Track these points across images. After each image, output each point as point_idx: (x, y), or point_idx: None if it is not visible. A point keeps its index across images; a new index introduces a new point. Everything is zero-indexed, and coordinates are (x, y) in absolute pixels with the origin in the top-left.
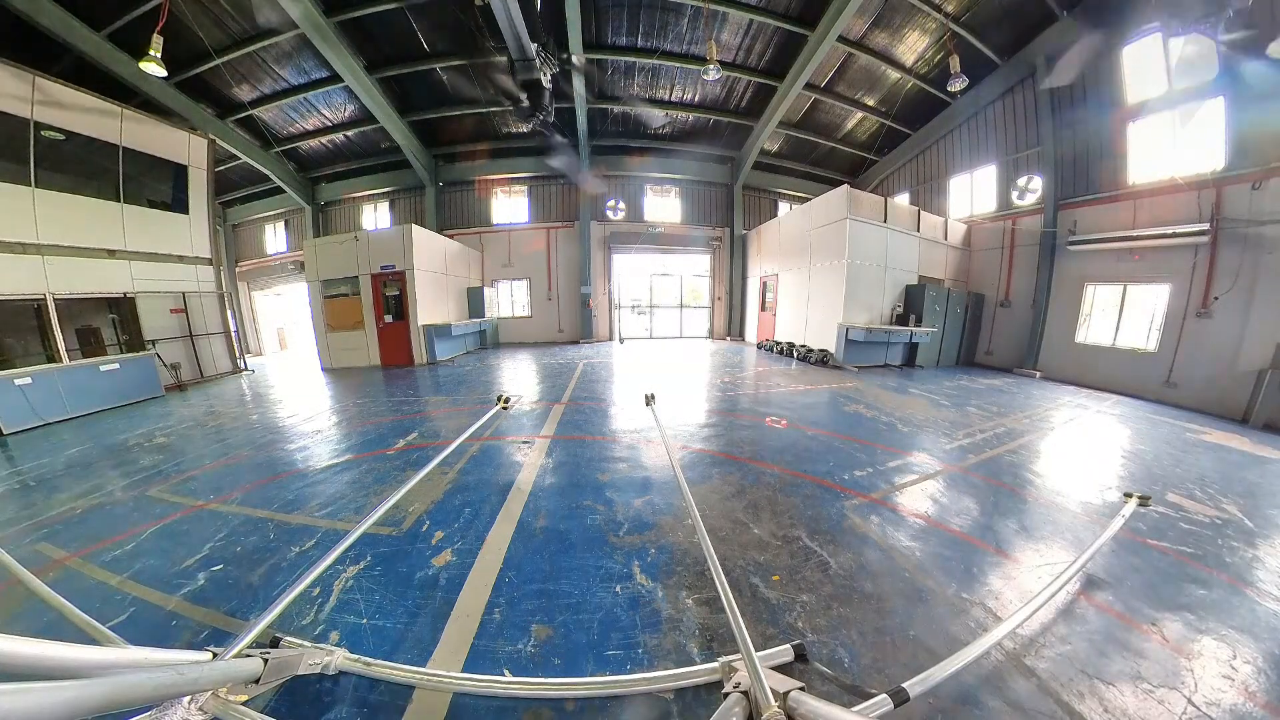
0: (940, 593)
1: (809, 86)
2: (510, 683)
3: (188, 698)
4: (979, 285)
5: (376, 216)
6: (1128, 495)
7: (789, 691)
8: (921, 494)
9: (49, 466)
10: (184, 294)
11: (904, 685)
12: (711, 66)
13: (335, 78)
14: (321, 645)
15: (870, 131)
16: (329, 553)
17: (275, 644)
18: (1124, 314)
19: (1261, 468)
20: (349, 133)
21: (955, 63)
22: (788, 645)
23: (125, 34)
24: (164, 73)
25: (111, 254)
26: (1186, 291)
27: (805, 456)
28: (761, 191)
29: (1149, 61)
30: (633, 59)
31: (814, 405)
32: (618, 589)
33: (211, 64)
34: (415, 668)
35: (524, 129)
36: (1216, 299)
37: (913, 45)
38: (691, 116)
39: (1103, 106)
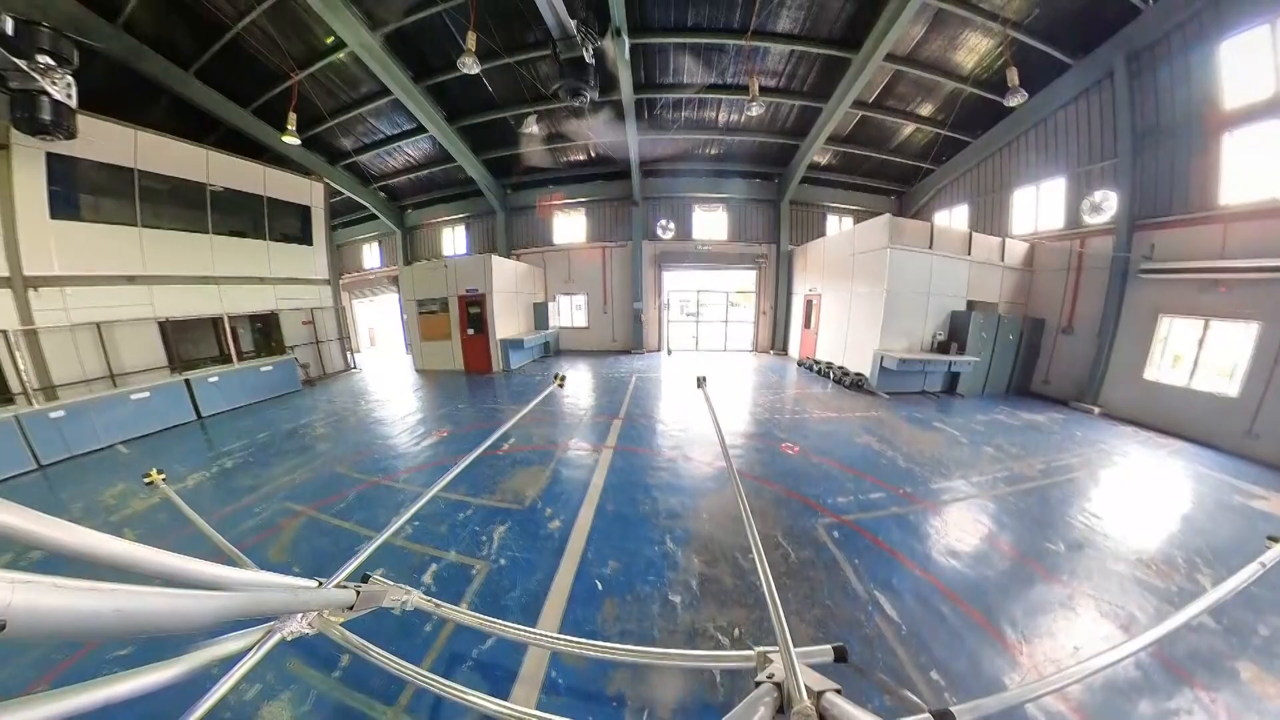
0: (857, 587)
1: (856, 104)
2: (551, 637)
3: (300, 614)
4: (1040, 309)
5: (454, 238)
6: (1272, 539)
7: (823, 692)
8: (882, 522)
9: (253, 445)
10: (312, 309)
11: (951, 708)
12: (754, 105)
13: (421, 128)
14: (401, 585)
15: (925, 141)
16: (403, 514)
17: (365, 580)
18: (1203, 352)
19: None
20: (432, 170)
21: (1013, 75)
22: (828, 645)
23: (263, 108)
24: (299, 142)
25: (262, 280)
26: None
27: (803, 480)
28: (809, 205)
29: (1253, 58)
30: (680, 95)
31: (830, 434)
32: (656, 548)
33: (326, 125)
34: (474, 613)
35: (581, 157)
36: None
37: (969, 53)
38: (737, 139)
39: (1193, 112)
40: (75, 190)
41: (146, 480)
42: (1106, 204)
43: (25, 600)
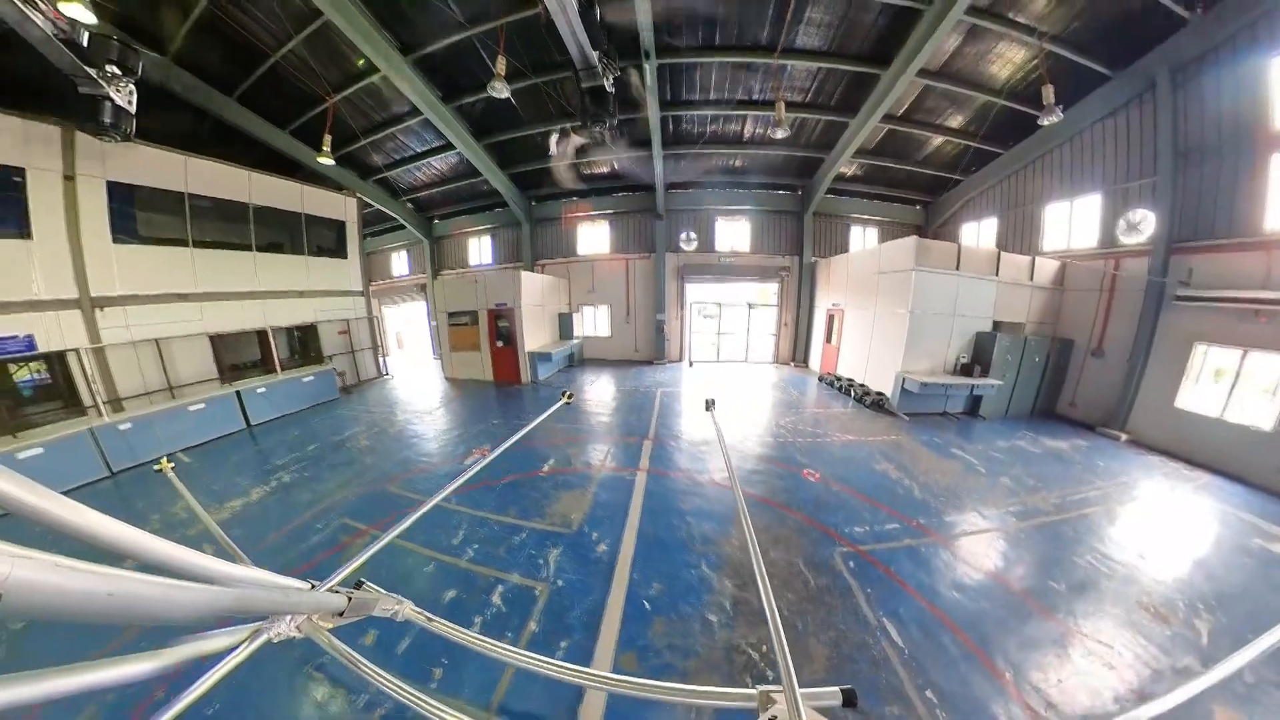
0: (868, 614)
1: (885, 118)
2: (542, 660)
3: (289, 616)
4: (1069, 329)
5: (480, 248)
6: None
7: None
8: (895, 553)
9: (304, 459)
10: (347, 320)
11: None
12: (780, 129)
13: (449, 145)
14: (393, 595)
15: (954, 152)
16: (402, 523)
17: (358, 586)
18: (1238, 383)
19: None
20: (459, 183)
21: (1049, 93)
22: (836, 688)
23: (300, 128)
24: (333, 162)
25: (301, 294)
26: None
27: (823, 509)
28: (833, 217)
29: None
30: (705, 111)
31: (849, 460)
32: (693, 571)
33: (359, 144)
34: (464, 629)
35: (605, 170)
36: None
37: (1003, 65)
38: (762, 152)
39: (1240, 131)
40: (133, 215)
41: (156, 469)
42: (1143, 224)
43: (23, 575)
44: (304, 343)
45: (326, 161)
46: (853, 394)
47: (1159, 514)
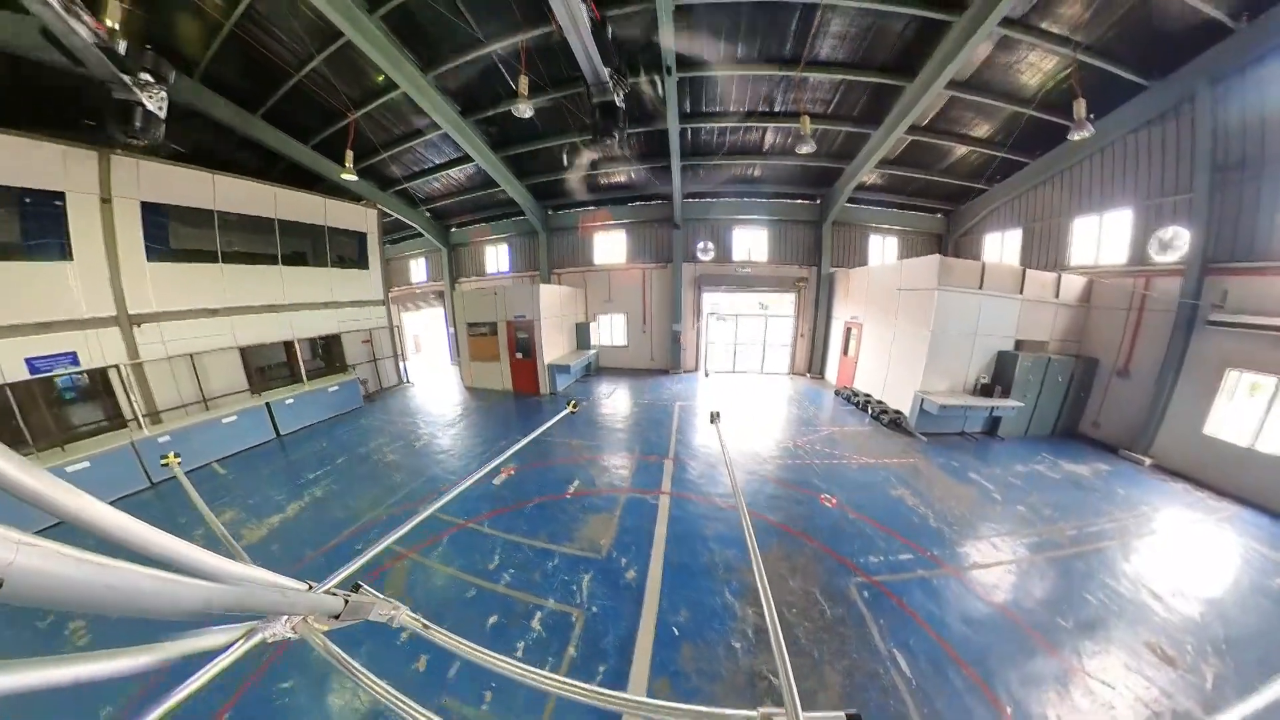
0: (880, 645)
1: (909, 129)
2: (543, 675)
3: (285, 617)
4: (1094, 348)
5: (498, 256)
6: None
7: None
8: (908, 585)
9: (334, 471)
10: (370, 330)
11: None
12: (805, 145)
13: (468, 158)
14: (390, 599)
15: (978, 162)
16: (398, 528)
17: (356, 589)
18: (1271, 411)
19: None
20: (477, 193)
21: (1080, 107)
22: (841, 712)
23: (322, 142)
24: (355, 178)
25: (326, 305)
26: None
27: (839, 537)
28: (852, 226)
29: None
30: (725, 124)
31: (866, 485)
32: (717, 599)
33: (379, 157)
34: (460, 639)
35: (622, 179)
36: None
37: (1034, 75)
38: (782, 162)
39: None
40: (166, 234)
41: (163, 462)
42: (1176, 242)
43: (27, 562)
44: (328, 351)
45: (349, 178)
46: (870, 411)
47: (1177, 548)
